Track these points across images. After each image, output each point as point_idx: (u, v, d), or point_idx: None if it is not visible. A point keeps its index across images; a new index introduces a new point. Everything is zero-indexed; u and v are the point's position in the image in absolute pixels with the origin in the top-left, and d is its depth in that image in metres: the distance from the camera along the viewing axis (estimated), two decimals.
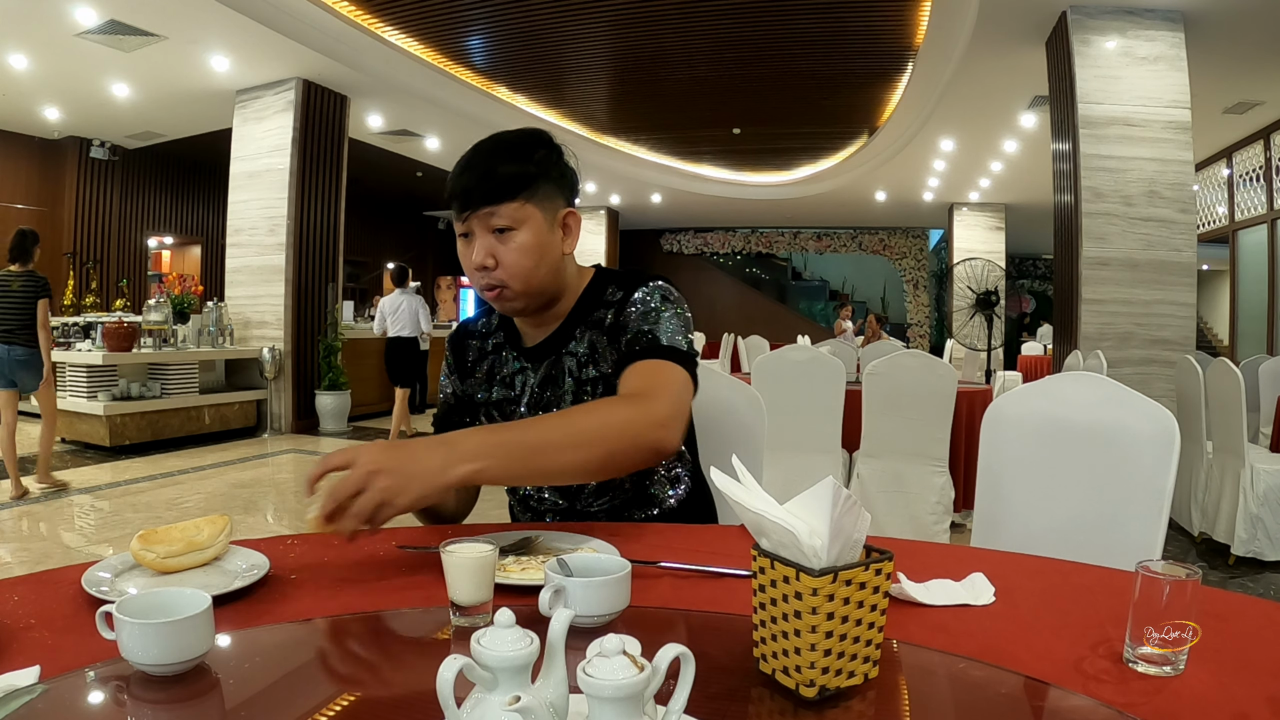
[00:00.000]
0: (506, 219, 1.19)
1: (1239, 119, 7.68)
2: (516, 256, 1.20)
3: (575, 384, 1.28)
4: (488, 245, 1.20)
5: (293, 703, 0.68)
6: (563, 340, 1.30)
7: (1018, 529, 1.45)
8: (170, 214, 11.13)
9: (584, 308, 1.31)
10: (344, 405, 7.70)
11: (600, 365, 1.27)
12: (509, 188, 1.19)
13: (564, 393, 1.29)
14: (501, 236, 1.20)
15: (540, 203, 1.22)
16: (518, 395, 1.31)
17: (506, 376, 1.33)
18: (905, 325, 15.86)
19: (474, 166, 1.20)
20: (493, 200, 1.18)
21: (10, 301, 4.52)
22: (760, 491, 0.76)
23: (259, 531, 4.16)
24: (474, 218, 1.20)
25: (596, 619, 0.81)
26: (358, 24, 6.78)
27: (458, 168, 1.22)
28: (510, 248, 1.20)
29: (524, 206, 1.20)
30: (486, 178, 1.19)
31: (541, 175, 1.22)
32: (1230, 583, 3.44)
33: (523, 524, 1.28)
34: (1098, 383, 1.44)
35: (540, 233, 1.22)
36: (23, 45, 6.48)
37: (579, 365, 1.29)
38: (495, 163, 1.20)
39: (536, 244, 1.21)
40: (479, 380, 1.36)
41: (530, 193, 1.20)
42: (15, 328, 4.53)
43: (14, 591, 0.90)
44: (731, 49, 7.35)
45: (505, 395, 1.32)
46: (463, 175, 1.21)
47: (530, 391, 1.31)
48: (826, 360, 3.58)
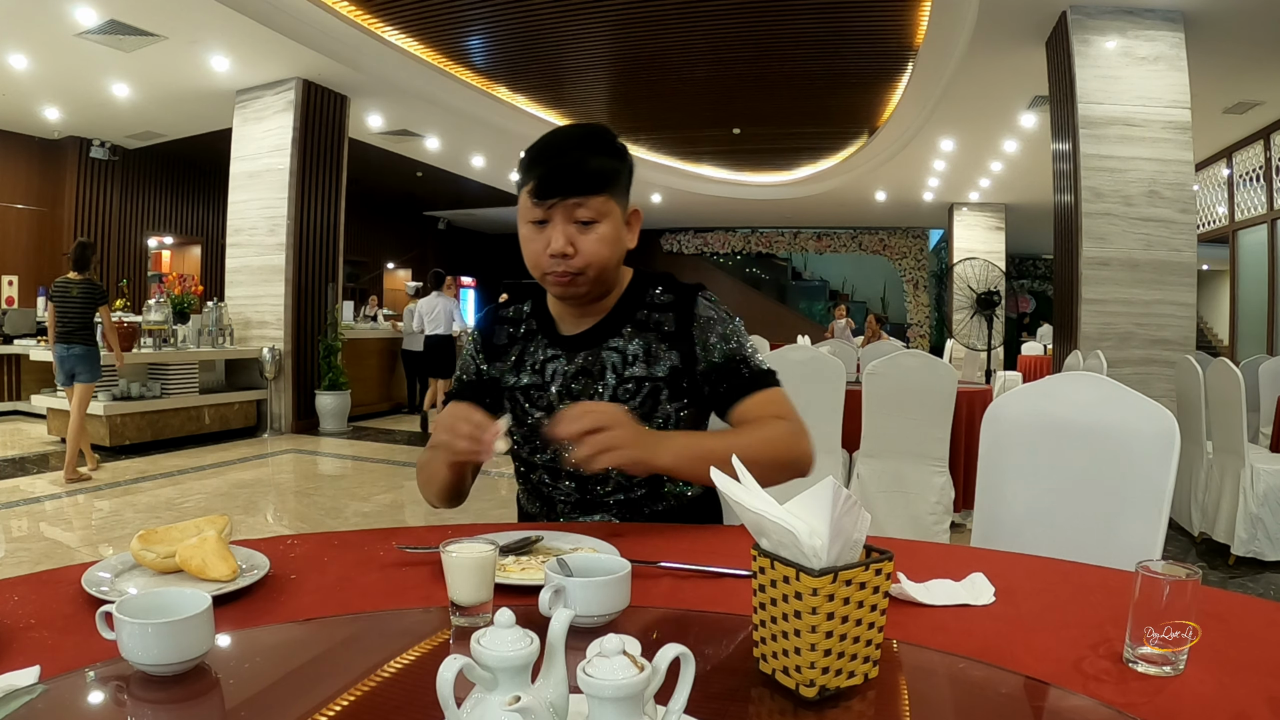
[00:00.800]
0: (592, 211, 1.21)
1: (1239, 119, 7.68)
2: (597, 247, 1.22)
3: (616, 379, 1.29)
4: (569, 234, 1.21)
5: (293, 703, 0.68)
6: (605, 334, 1.32)
7: (1018, 529, 1.45)
8: (170, 214, 11.13)
9: (628, 305, 1.33)
10: (344, 405, 7.70)
11: (653, 368, 1.29)
12: (599, 181, 1.21)
13: (602, 386, 1.30)
14: (583, 227, 1.22)
15: (619, 198, 1.26)
16: (547, 382, 1.32)
17: (537, 364, 1.33)
18: (905, 325, 15.86)
19: (563, 155, 1.21)
20: (583, 192, 1.20)
21: (71, 305, 5.05)
22: (760, 491, 0.76)
23: (259, 531, 4.17)
24: (559, 206, 1.21)
25: (596, 619, 0.81)
26: (358, 24, 6.77)
27: (541, 154, 1.23)
28: (591, 238, 1.22)
29: (608, 201, 1.23)
30: (577, 169, 1.20)
31: (623, 171, 1.26)
32: (1230, 583, 3.44)
33: (523, 524, 1.28)
34: (1098, 383, 1.44)
35: (618, 226, 1.26)
36: (23, 45, 6.48)
37: (624, 363, 1.30)
38: (586, 154, 1.21)
39: (615, 237, 1.25)
40: (508, 365, 1.36)
41: (614, 188, 1.23)
42: (75, 328, 5.06)
43: (14, 591, 0.90)
44: (731, 49, 7.35)
45: (534, 381, 1.33)
46: (550, 163, 1.21)
47: (562, 378, 1.31)
48: (826, 360, 3.57)
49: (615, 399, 1.29)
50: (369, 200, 13.58)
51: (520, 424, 1.33)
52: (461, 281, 17.93)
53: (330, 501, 4.95)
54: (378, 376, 9.03)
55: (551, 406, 1.30)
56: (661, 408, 1.29)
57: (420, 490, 1.39)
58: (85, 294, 5.11)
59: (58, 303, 5.08)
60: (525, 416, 1.32)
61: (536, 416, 1.31)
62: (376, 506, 4.84)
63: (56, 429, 6.58)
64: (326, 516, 4.56)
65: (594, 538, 1.10)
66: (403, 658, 0.79)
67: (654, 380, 1.29)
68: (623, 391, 1.29)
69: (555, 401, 1.30)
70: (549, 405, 1.30)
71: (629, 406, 1.28)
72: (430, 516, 4.72)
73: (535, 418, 1.31)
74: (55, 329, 5.06)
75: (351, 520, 4.49)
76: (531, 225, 1.24)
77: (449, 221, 17.46)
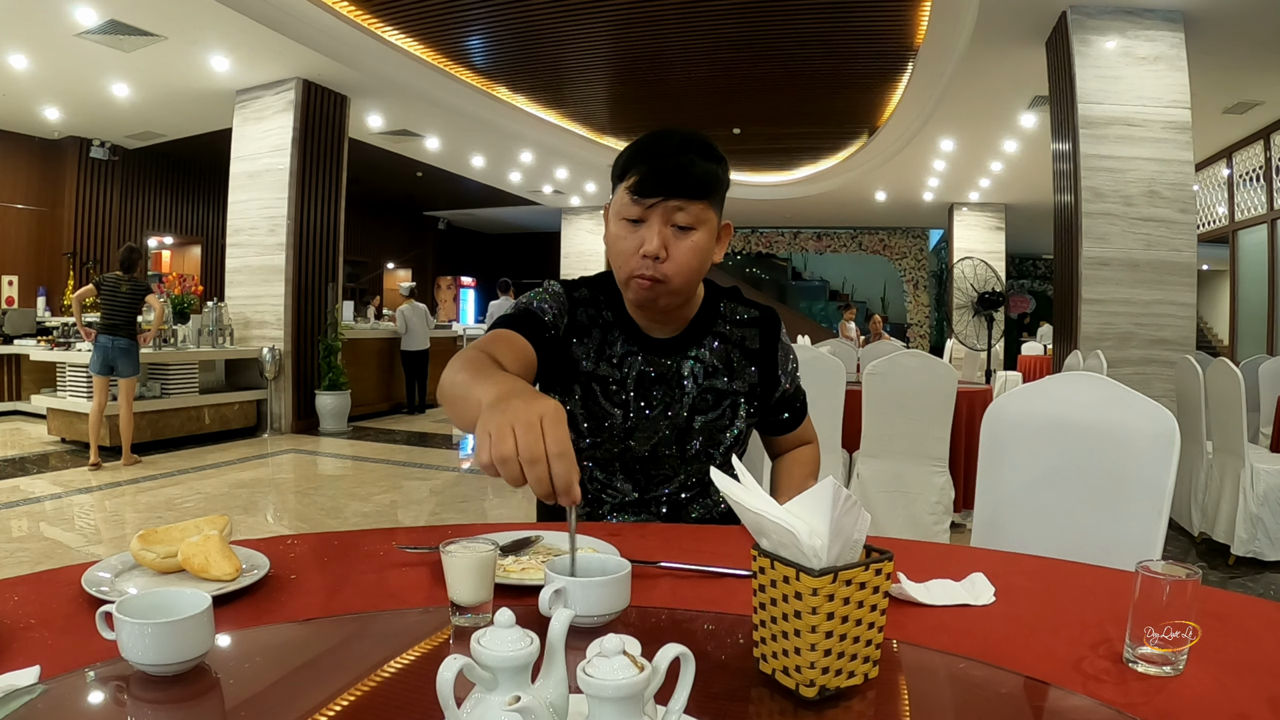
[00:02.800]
0: (691, 217, 1.18)
1: (1239, 119, 7.68)
2: (689, 256, 1.20)
3: (696, 389, 1.30)
4: (664, 236, 1.18)
5: (293, 703, 0.68)
6: (689, 343, 1.31)
7: (1018, 529, 1.45)
8: (170, 214, 11.13)
9: (708, 316, 1.33)
10: (344, 405, 7.70)
11: (734, 382, 1.32)
12: (703, 187, 1.18)
13: (684, 396, 1.30)
14: (679, 232, 1.19)
15: (716, 209, 1.23)
16: (622, 378, 1.30)
17: (615, 356, 1.30)
18: (905, 325, 15.86)
19: (672, 155, 1.17)
20: (687, 195, 1.17)
21: (119, 300, 5.40)
22: (760, 491, 0.76)
23: (259, 531, 4.17)
24: (659, 206, 1.17)
25: (596, 619, 0.81)
26: (358, 24, 6.77)
27: (647, 151, 1.19)
28: (685, 245, 1.19)
29: (707, 209, 1.20)
30: (685, 171, 1.17)
31: (724, 182, 1.23)
32: (1230, 583, 3.44)
33: (523, 524, 1.28)
34: (1098, 383, 1.44)
35: (711, 236, 1.23)
36: (23, 45, 6.48)
37: (705, 373, 1.31)
38: (693, 158, 1.18)
39: (707, 247, 1.22)
40: (588, 348, 1.30)
41: (714, 197, 1.21)
42: (120, 323, 5.42)
43: (14, 591, 0.90)
44: (731, 49, 7.34)
45: (611, 374, 1.30)
46: (655, 160, 1.17)
47: (639, 379, 1.30)
48: (826, 360, 3.57)
49: (694, 409, 1.30)
50: (369, 200, 13.59)
51: (590, 414, 1.29)
52: (461, 282, 17.98)
53: (330, 501, 4.95)
54: (378, 376, 9.03)
55: (627, 404, 1.29)
56: (738, 420, 1.32)
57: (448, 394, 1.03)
58: (134, 292, 5.47)
59: (106, 297, 5.38)
60: (595, 407, 1.29)
61: (608, 409, 1.29)
62: (376, 506, 4.84)
63: (56, 429, 6.58)
64: (326, 516, 4.56)
65: (594, 538, 1.10)
66: (403, 658, 0.79)
67: (734, 394, 1.31)
68: (703, 402, 1.30)
69: (631, 400, 1.29)
70: (624, 402, 1.29)
71: (709, 416, 1.30)
72: (430, 516, 4.72)
73: (607, 410, 1.29)
74: (103, 320, 5.41)
75: (351, 520, 4.49)
76: (625, 223, 1.20)
77: (449, 221, 17.47)
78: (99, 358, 5.41)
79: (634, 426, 1.29)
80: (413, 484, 5.58)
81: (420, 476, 5.81)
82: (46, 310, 9.05)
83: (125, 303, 5.43)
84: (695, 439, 1.30)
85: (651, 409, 1.29)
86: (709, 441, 1.30)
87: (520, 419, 0.76)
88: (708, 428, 1.30)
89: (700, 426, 1.30)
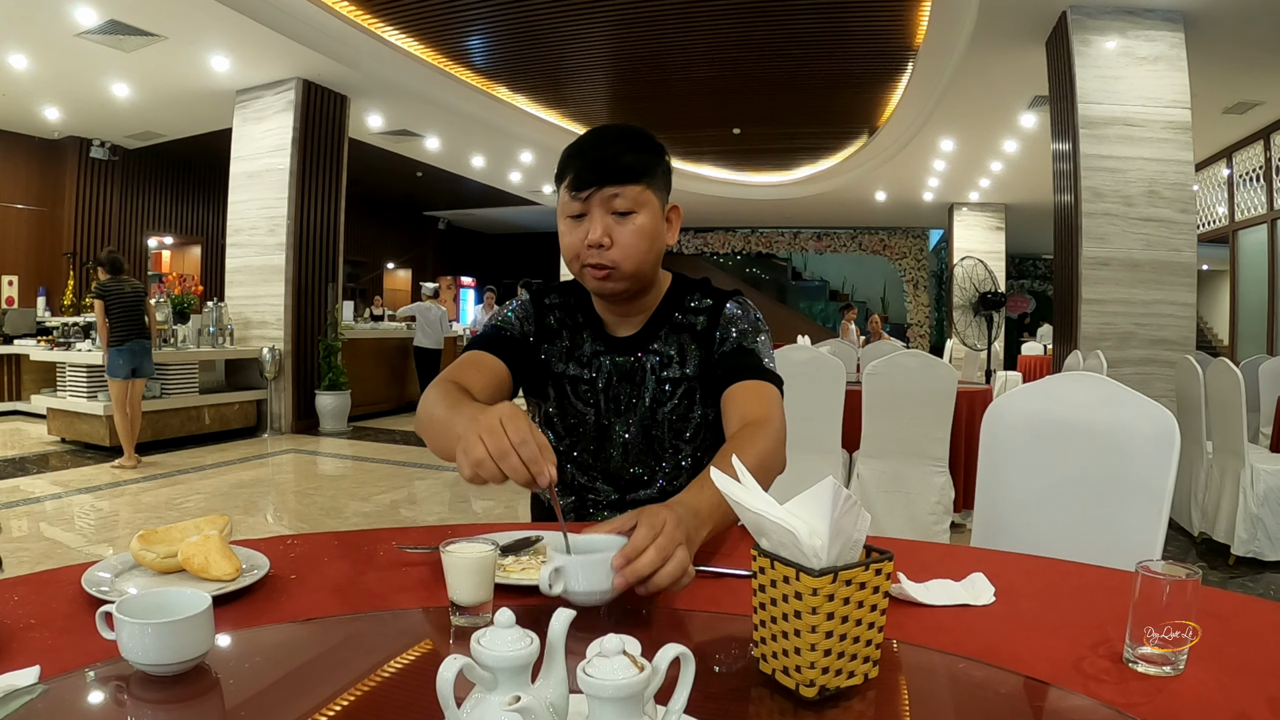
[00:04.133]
0: (629, 201, 1.22)
1: (1239, 119, 7.68)
2: (634, 238, 1.23)
3: (656, 383, 1.33)
4: (606, 224, 1.22)
5: (293, 703, 0.68)
6: (648, 338, 1.35)
7: (1018, 529, 1.45)
8: (170, 214, 11.13)
9: (667, 308, 1.36)
10: (344, 405, 7.71)
11: (684, 367, 1.33)
12: (635, 171, 1.22)
13: (644, 391, 1.33)
14: (620, 219, 1.22)
15: (657, 191, 1.26)
16: (593, 378, 1.34)
17: (585, 356, 1.35)
18: (905, 325, 15.85)
19: (599, 148, 1.23)
20: (619, 181, 1.21)
21: (130, 303, 5.43)
22: (760, 491, 0.76)
23: (259, 531, 4.17)
24: (596, 197, 1.21)
25: (596, 595, 0.81)
26: (358, 24, 6.77)
27: (577, 149, 1.24)
28: (628, 229, 1.22)
29: (644, 191, 1.23)
30: (614, 160, 1.21)
31: (660, 165, 1.27)
32: (1230, 583, 3.44)
33: (523, 524, 1.28)
34: (1097, 383, 1.44)
35: (656, 219, 1.26)
36: (23, 45, 6.48)
37: (661, 365, 1.33)
38: (622, 147, 1.23)
39: (652, 229, 1.25)
40: (558, 350, 1.36)
41: (651, 180, 1.24)
42: (141, 325, 5.49)
43: (14, 591, 0.90)
44: (731, 49, 7.34)
45: (581, 374, 1.35)
46: (586, 155, 1.22)
47: (608, 377, 1.34)
48: (826, 360, 3.57)
49: (655, 402, 1.32)
50: (369, 200, 13.59)
51: (564, 415, 1.35)
52: (461, 281, 17.97)
53: (330, 501, 4.95)
54: (378, 376, 9.03)
55: (598, 403, 1.33)
56: (696, 409, 1.33)
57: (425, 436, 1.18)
58: (136, 291, 5.51)
59: (115, 302, 5.36)
60: (569, 407, 1.34)
61: (580, 409, 1.34)
62: (376, 506, 4.84)
63: (56, 429, 6.58)
64: (326, 516, 4.56)
65: None
66: (403, 658, 0.79)
67: (688, 380, 1.33)
68: (661, 394, 1.32)
69: (601, 398, 1.33)
70: (595, 401, 1.34)
71: (668, 407, 1.32)
72: (430, 516, 4.72)
73: (580, 410, 1.34)
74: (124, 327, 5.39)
75: (351, 520, 4.49)
76: (569, 220, 1.25)
77: (449, 221, 17.47)
78: (126, 361, 5.41)
79: (606, 425, 1.33)
80: (413, 484, 5.58)
81: (420, 476, 5.82)
82: (46, 310, 9.05)
83: (135, 303, 5.48)
84: (660, 431, 1.32)
85: (621, 406, 1.33)
86: (674, 434, 1.33)
87: (483, 427, 0.88)
88: (669, 418, 1.32)
89: (662, 418, 1.32)
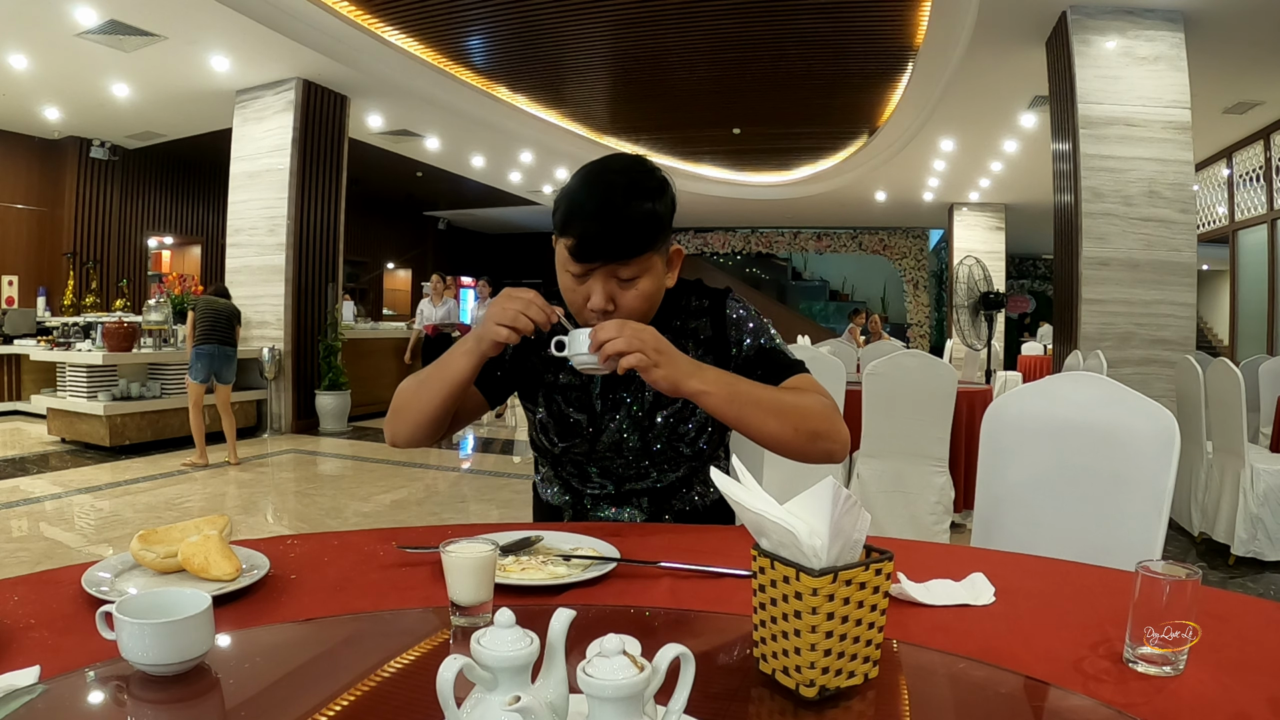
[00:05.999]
0: (634, 269, 1.18)
1: (1239, 119, 7.68)
2: (637, 303, 1.20)
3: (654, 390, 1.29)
4: (609, 290, 1.18)
5: (293, 703, 0.68)
6: None
7: (1018, 529, 1.45)
8: (170, 214, 11.13)
9: (667, 314, 1.32)
10: (344, 405, 7.70)
11: None
12: (640, 242, 1.16)
13: (644, 394, 1.30)
14: (624, 283, 1.19)
15: (660, 250, 1.22)
16: (585, 382, 1.32)
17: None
18: (905, 325, 15.85)
19: (604, 216, 1.14)
20: (624, 256, 1.16)
21: (219, 313, 5.78)
22: (760, 491, 0.76)
23: (259, 531, 4.17)
24: (599, 269, 1.17)
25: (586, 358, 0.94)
26: (358, 24, 6.77)
27: (578, 211, 1.16)
28: (631, 294, 1.19)
29: (650, 257, 1.19)
30: (620, 229, 1.14)
31: (666, 220, 1.21)
32: (1230, 583, 3.44)
33: (523, 524, 1.28)
34: (1098, 383, 1.44)
35: (659, 277, 1.23)
36: (23, 45, 6.47)
37: None
38: (629, 212, 1.15)
39: (656, 289, 1.23)
40: (546, 359, 1.31)
41: (656, 242, 1.19)
42: (225, 332, 5.80)
43: (14, 591, 0.90)
44: (731, 49, 7.34)
45: (572, 381, 1.32)
46: (592, 220, 1.15)
47: (602, 382, 1.31)
48: (826, 360, 3.57)
49: (658, 405, 1.30)
50: (369, 200, 13.58)
51: (559, 422, 1.33)
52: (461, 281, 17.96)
53: (330, 501, 4.95)
54: (378, 376, 9.03)
55: (592, 408, 1.31)
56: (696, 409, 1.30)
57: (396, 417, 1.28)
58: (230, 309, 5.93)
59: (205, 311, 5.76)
60: (564, 415, 1.32)
61: (574, 414, 1.32)
62: (376, 506, 4.84)
63: (56, 429, 6.58)
64: (326, 516, 4.56)
65: (594, 538, 1.10)
66: (403, 658, 0.79)
67: None
68: (661, 399, 1.30)
69: (600, 404, 1.31)
70: (589, 405, 1.32)
71: (668, 410, 1.30)
72: (430, 516, 4.72)
73: (574, 415, 1.32)
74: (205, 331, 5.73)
75: (351, 520, 4.49)
76: (570, 275, 1.20)
77: (449, 221, 17.47)
78: (204, 365, 5.69)
79: (600, 428, 1.31)
80: (413, 484, 5.58)
81: (420, 476, 5.82)
82: (46, 310, 9.05)
83: (223, 316, 5.81)
84: (657, 433, 1.31)
85: (616, 410, 1.31)
86: (672, 435, 1.31)
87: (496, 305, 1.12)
88: (668, 421, 1.31)
89: (661, 421, 1.31)
